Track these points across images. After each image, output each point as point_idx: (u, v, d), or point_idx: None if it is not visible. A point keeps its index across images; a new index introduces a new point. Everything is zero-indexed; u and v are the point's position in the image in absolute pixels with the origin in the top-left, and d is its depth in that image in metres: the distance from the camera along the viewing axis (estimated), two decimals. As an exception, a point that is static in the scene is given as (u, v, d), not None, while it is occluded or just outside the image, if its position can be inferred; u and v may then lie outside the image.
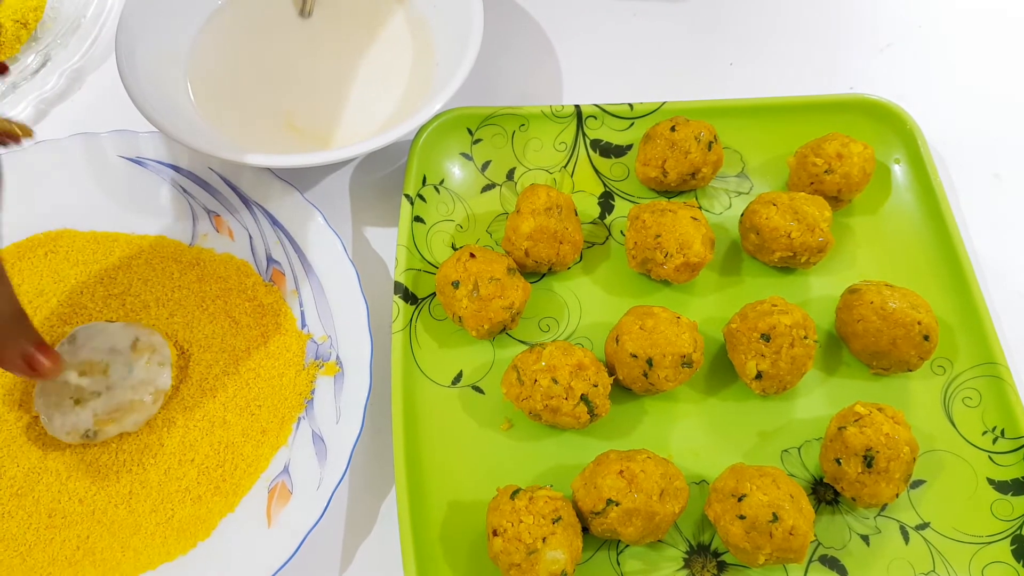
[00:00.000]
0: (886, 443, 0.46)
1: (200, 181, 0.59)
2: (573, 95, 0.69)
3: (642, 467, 0.45)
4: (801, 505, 0.45)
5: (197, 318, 0.55)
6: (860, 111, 0.62)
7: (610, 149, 0.62)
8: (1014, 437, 0.51)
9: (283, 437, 0.51)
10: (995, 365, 0.53)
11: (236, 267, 0.57)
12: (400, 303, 0.54)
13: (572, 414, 0.48)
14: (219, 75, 0.63)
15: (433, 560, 0.47)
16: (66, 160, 0.59)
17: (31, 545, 0.48)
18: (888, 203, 0.60)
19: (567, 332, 0.56)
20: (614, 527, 0.45)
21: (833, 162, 0.56)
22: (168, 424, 0.51)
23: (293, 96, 0.62)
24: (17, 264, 0.56)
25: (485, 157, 0.62)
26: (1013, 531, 0.49)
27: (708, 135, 0.57)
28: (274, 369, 0.53)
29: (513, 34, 0.72)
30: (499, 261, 0.53)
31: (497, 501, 0.46)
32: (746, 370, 0.51)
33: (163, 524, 0.48)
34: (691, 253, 0.53)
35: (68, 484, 0.50)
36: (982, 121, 0.68)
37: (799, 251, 0.54)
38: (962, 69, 0.71)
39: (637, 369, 0.50)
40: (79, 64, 0.69)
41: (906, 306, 0.51)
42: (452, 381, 0.54)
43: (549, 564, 0.43)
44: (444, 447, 0.51)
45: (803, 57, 0.71)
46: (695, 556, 0.48)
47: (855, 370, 0.54)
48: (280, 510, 0.48)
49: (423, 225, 0.58)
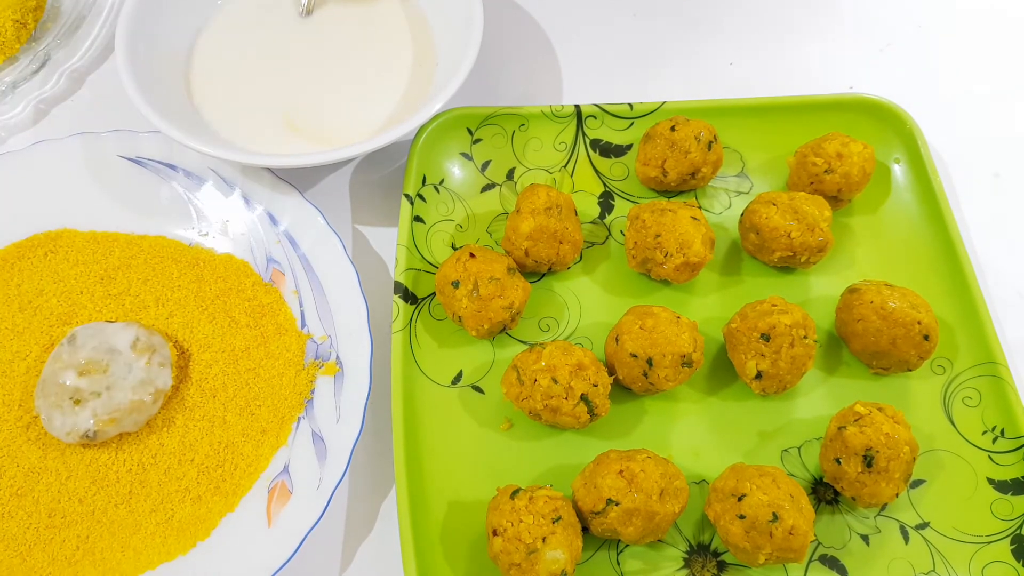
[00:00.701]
0: (886, 443, 0.46)
1: (200, 181, 0.59)
2: (573, 95, 0.69)
3: (642, 467, 0.45)
4: (801, 505, 0.45)
5: (197, 318, 0.55)
6: (860, 111, 0.62)
7: (610, 149, 0.62)
8: (1014, 437, 0.51)
9: (283, 437, 0.51)
10: (995, 365, 0.53)
11: (236, 267, 0.57)
12: (400, 303, 0.54)
13: (572, 414, 0.48)
14: (219, 75, 0.63)
15: (433, 560, 0.47)
16: (66, 160, 0.59)
17: (31, 545, 0.48)
18: (888, 203, 0.60)
19: (567, 332, 0.56)
20: (614, 527, 0.45)
21: (833, 162, 0.56)
22: (168, 424, 0.51)
23: (293, 96, 0.62)
24: (17, 264, 0.56)
25: (485, 157, 0.62)
26: (1013, 531, 0.49)
27: (708, 135, 0.57)
28: (274, 369, 0.53)
29: (513, 34, 0.72)
30: (499, 261, 0.53)
31: (497, 501, 0.46)
32: (746, 370, 0.51)
33: (163, 524, 0.48)
34: (691, 253, 0.53)
35: (68, 484, 0.50)
36: (982, 121, 0.68)
37: (799, 251, 0.54)
38: (962, 69, 0.71)
39: (637, 369, 0.50)
40: (79, 64, 0.69)
41: (906, 306, 0.51)
42: (452, 381, 0.53)
43: (549, 564, 0.43)
44: (444, 447, 0.51)
45: (803, 57, 0.71)
46: (695, 556, 0.48)
47: (855, 370, 0.54)
48: (280, 510, 0.48)
49: (423, 225, 0.58)
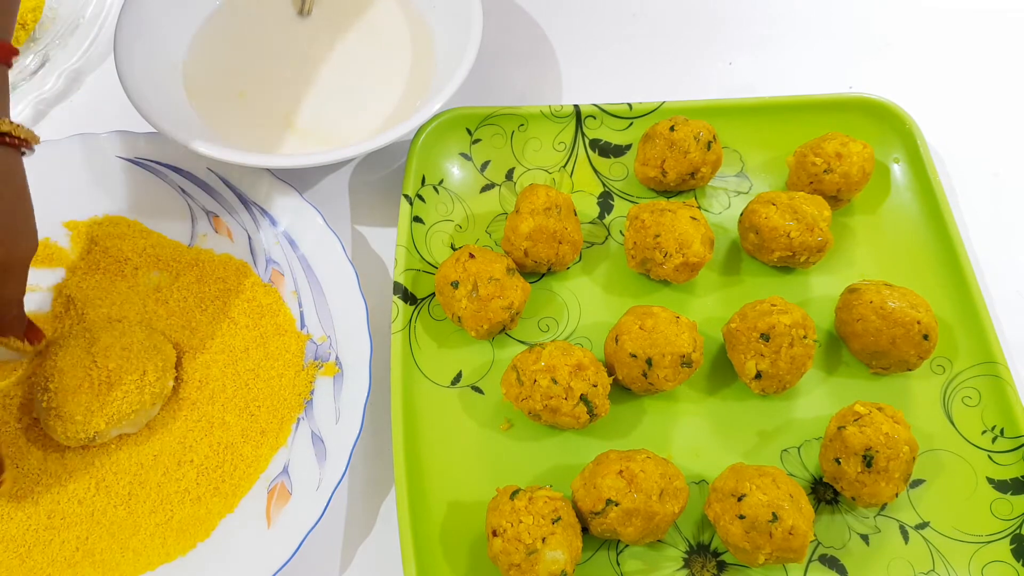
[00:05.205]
0: (886, 442, 0.46)
1: (199, 182, 0.59)
2: (572, 95, 0.69)
3: (642, 467, 0.45)
4: (801, 505, 0.45)
5: (196, 319, 0.55)
6: (859, 110, 0.62)
7: (609, 149, 0.62)
8: (1013, 436, 0.51)
9: (282, 438, 0.51)
10: (994, 364, 0.53)
11: (235, 268, 0.56)
12: (399, 303, 0.54)
13: (572, 414, 0.48)
14: (218, 75, 0.62)
15: (433, 560, 0.47)
16: (65, 161, 0.59)
17: (30, 546, 0.48)
18: (887, 202, 0.60)
19: (566, 332, 0.56)
20: (614, 527, 0.45)
21: (832, 161, 0.56)
22: (167, 425, 0.51)
23: (292, 96, 0.62)
24: (16, 265, 0.56)
25: (484, 157, 0.62)
26: (1012, 530, 0.49)
27: (707, 135, 0.57)
28: (273, 370, 0.53)
29: (513, 34, 0.72)
30: (498, 261, 0.53)
31: (497, 501, 0.46)
32: (746, 370, 0.51)
33: (162, 525, 0.48)
34: (690, 253, 0.53)
35: (68, 486, 0.50)
36: (982, 121, 0.68)
37: (798, 251, 0.54)
38: (962, 69, 0.71)
39: (637, 369, 0.50)
40: (78, 65, 0.69)
41: (905, 305, 0.51)
42: (452, 381, 0.53)
43: (549, 564, 0.43)
44: (444, 447, 0.51)
45: (802, 57, 0.71)
46: (695, 556, 0.48)
47: (855, 370, 0.54)
48: (280, 510, 0.48)
49: (422, 225, 0.58)
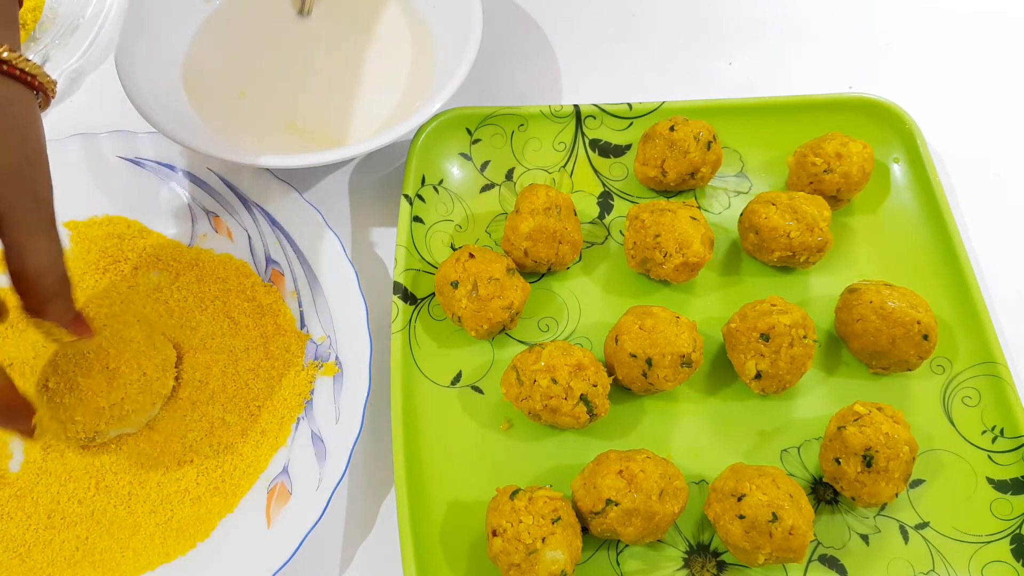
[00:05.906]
0: (885, 442, 0.46)
1: (199, 181, 0.59)
2: (572, 95, 0.69)
3: (641, 467, 0.45)
4: (801, 505, 0.45)
5: (196, 318, 0.55)
6: (859, 110, 0.62)
7: (609, 149, 0.62)
8: (1013, 436, 0.51)
9: (282, 438, 0.51)
10: (994, 364, 0.53)
11: (235, 267, 0.56)
12: (399, 303, 0.54)
13: (571, 414, 0.48)
14: (218, 75, 0.62)
15: (433, 560, 0.47)
16: (65, 161, 0.58)
17: (30, 546, 0.48)
18: (887, 203, 0.60)
19: (566, 332, 0.56)
20: (614, 527, 0.45)
21: (832, 161, 0.56)
22: (167, 425, 0.51)
23: (292, 96, 0.62)
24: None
25: (484, 157, 0.62)
26: (1012, 530, 0.49)
27: (707, 135, 0.57)
28: (273, 370, 0.53)
29: (513, 34, 0.72)
30: (498, 261, 0.53)
31: (497, 501, 0.46)
32: (745, 370, 0.51)
33: (162, 525, 0.48)
34: (690, 253, 0.53)
35: (67, 485, 0.50)
36: (982, 121, 0.68)
37: (798, 251, 0.54)
38: (962, 69, 0.71)
39: (636, 369, 0.50)
40: (77, 65, 0.69)
41: (905, 305, 0.51)
42: (451, 381, 0.53)
43: (549, 564, 0.43)
44: (444, 447, 0.51)
45: (802, 56, 0.71)
46: (695, 556, 0.48)
47: (854, 370, 0.54)
48: (280, 510, 0.48)
49: (422, 225, 0.58)
